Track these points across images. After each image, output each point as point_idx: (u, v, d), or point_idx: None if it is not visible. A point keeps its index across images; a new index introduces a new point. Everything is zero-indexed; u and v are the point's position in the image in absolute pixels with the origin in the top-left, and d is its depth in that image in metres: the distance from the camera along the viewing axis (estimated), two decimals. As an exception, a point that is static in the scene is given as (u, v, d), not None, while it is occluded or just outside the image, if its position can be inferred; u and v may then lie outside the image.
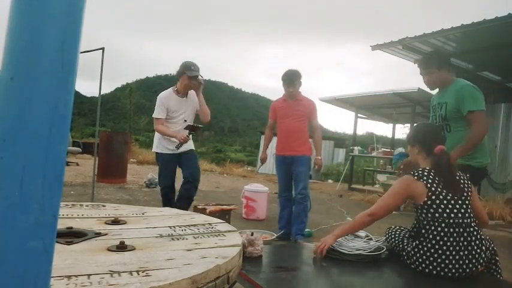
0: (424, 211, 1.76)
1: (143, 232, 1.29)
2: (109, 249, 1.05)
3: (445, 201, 1.73)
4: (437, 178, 1.78)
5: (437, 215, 1.72)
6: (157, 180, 8.23)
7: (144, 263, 0.94)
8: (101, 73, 4.83)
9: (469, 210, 1.76)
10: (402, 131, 16.63)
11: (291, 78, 3.51)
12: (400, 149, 7.82)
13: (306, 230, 4.27)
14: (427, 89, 2.74)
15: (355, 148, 10.47)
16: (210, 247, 1.13)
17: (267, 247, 1.89)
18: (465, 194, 1.78)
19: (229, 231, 1.38)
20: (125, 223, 1.41)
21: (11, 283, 0.39)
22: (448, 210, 1.72)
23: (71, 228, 1.24)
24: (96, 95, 5.18)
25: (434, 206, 1.73)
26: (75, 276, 0.82)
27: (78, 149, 11.11)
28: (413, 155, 1.98)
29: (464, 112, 2.32)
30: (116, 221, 1.40)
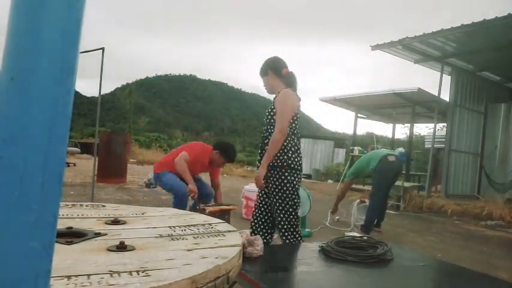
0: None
1: (143, 232, 1.29)
2: (109, 249, 1.05)
3: None
4: None
5: None
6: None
7: (144, 263, 0.94)
8: (101, 73, 4.84)
9: None
10: (402, 131, 16.67)
11: None
12: (400, 149, 7.82)
13: (306, 230, 4.28)
14: (427, 90, 2.88)
15: (355, 148, 10.47)
16: (210, 247, 1.13)
17: (267, 247, 1.89)
18: None
19: (229, 231, 1.38)
20: (124, 223, 1.41)
21: (10, 283, 0.39)
22: None
23: (71, 228, 1.24)
24: (96, 95, 5.19)
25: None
26: (75, 276, 0.82)
27: (77, 149, 11.10)
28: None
29: None
30: (115, 221, 1.40)
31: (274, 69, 2.60)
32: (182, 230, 1.34)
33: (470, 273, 1.84)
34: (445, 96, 8.50)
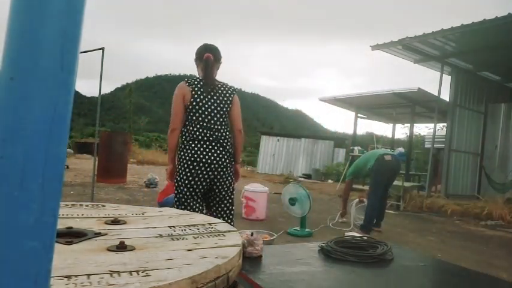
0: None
1: (143, 232, 1.29)
2: (109, 249, 1.05)
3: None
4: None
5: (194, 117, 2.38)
6: (157, 180, 8.23)
7: (144, 263, 0.94)
8: (101, 73, 4.84)
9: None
10: (402, 131, 16.69)
11: None
12: (400, 149, 7.82)
13: (306, 229, 4.28)
14: (427, 90, 2.86)
15: (355, 148, 10.47)
16: (209, 247, 1.13)
17: (267, 247, 1.89)
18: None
19: (229, 231, 1.38)
20: (124, 223, 1.41)
21: (10, 283, 0.39)
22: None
23: (71, 228, 1.24)
24: (96, 95, 5.21)
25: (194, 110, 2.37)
26: (75, 276, 0.82)
27: (70, 150, 11.15)
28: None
29: None
30: (115, 221, 1.40)
31: (198, 58, 2.49)
32: (182, 230, 1.34)
33: (470, 273, 1.84)
34: (445, 96, 8.51)
